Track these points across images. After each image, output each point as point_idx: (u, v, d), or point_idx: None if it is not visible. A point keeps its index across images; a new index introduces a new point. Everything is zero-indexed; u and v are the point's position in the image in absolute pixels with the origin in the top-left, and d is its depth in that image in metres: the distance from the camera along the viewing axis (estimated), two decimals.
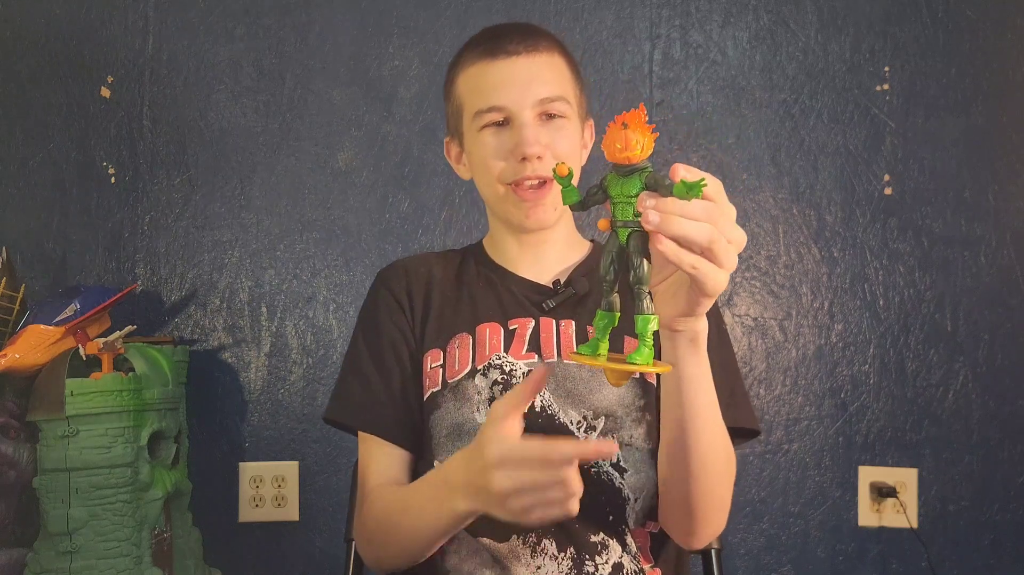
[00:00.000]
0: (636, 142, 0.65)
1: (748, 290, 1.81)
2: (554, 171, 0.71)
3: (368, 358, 1.05)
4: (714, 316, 1.06)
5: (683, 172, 0.65)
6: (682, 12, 1.84)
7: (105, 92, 1.79)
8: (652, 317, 0.67)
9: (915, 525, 1.74)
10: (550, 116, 1.02)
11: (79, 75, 1.79)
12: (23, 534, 1.47)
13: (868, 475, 1.77)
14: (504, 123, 1.02)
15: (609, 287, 0.70)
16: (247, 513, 1.76)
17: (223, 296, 1.79)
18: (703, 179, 0.64)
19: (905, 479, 1.76)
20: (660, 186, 0.66)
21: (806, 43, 1.83)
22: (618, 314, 0.70)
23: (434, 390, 1.02)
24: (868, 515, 1.77)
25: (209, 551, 1.67)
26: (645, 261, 0.67)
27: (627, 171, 0.67)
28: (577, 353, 0.70)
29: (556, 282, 1.07)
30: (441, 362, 1.03)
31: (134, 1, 1.80)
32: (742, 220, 1.95)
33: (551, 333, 1.02)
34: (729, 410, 1.01)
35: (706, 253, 0.67)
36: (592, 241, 1.15)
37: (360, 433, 1.05)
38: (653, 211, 0.64)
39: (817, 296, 1.80)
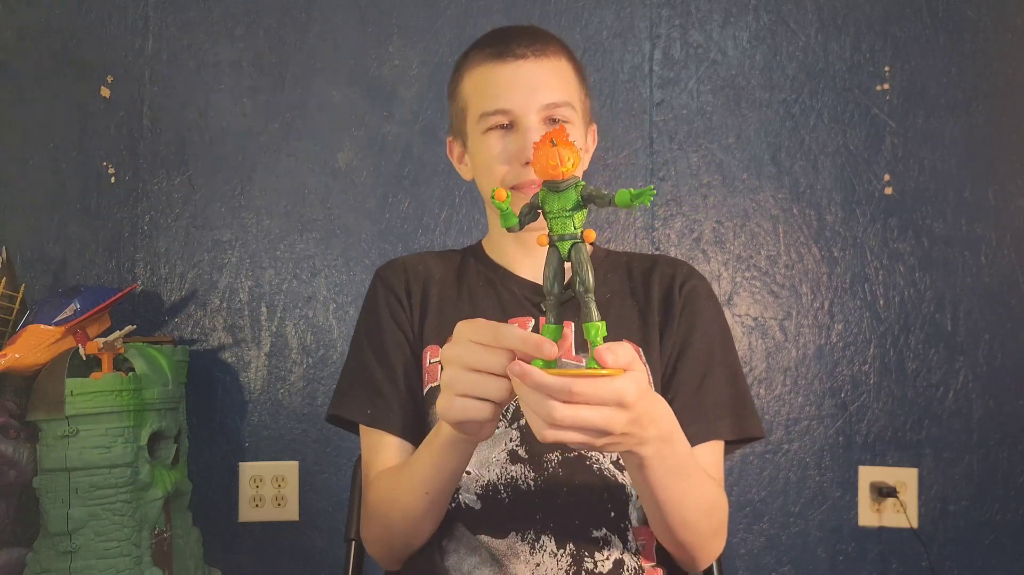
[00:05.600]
0: (567, 157, 0.68)
1: (748, 290, 1.81)
2: (492, 196, 0.72)
3: (371, 354, 1.05)
4: (718, 323, 1.06)
5: (607, 356, 0.68)
6: (682, 12, 1.84)
7: (105, 92, 1.79)
8: (600, 323, 0.69)
9: (915, 525, 1.74)
10: (555, 121, 1.02)
11: (79, 75, 1.79)
12: (23, 534, 1.47)
13: (868, 475, 1.77)
14: (509, 127, 1.02)
15: (556, 300, 0.72)
16: (247, 513, 1.76)
17: (223, 296, 1.79)
18: (652, 187, 0.66)
19: (905, 479, 1.76)
20: (598, 197, 0.69)
21: (806, 43, 1.83)
22: (559, 326, 0.72)
23: (433, 385, 1.02)
24: (868, 515, 1.77)
25: (209, 551, 1.67)
26: (589, 270, 0.69)
27: (560, 186, 0.69)
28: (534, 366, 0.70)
29: (569, 282, 1.07)
30: (440, 358, 1.03)
31: (134, 1, 1.80)
32: (742, 220, 1.97)
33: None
34: (739, 422, 1.02)
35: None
36: (592, 244, 1.15)
37: (363, 429, 1.05)
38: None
39: (817, 296, 1.80)
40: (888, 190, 1.80)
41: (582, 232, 0.69)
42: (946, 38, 1.80)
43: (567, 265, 0.72)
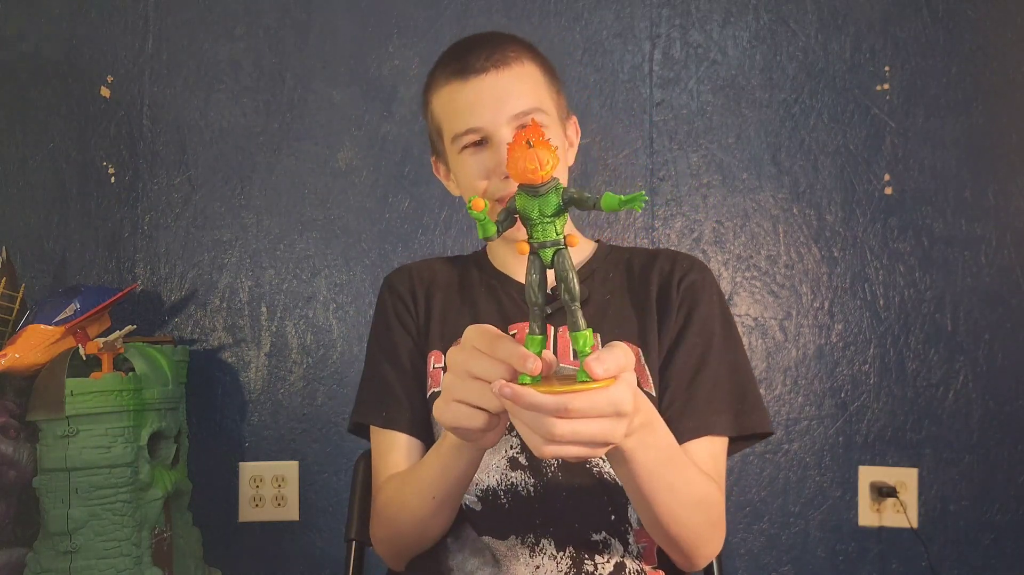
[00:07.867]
0: (546, 160, 0.63)
1: (748, 290, 1.81)
2: (468, 207, 0.66)
3: (383, 358, 1.07)
4: (718, 317, 1.05)
5: (596, 368, 0.65)
6: (682, 12, 1.84)
7: (105, 92, 1.79)
8: (587, 332, 0.66)
9: (915, 525, 1.74)
10: None
11: (79, 75, 1.79)
12: (23, 534, 1.47)
13: (868, 475, 1.77)
14: (483, 142, 1.01)
15: (540, 310, 0.68)
16: (247, 513, 1.76)
17: (223, 296, 1.79)
18: (643, 192, 0.62)
19: (905, 479, 1.76)
20: (581, 200, 0.64)
21: (806, 43, 1.83)
22: (544, 336, 0.69)
23: (436, 390, 1.02)
24: (868, 515, 1.77)
25: (209, 551, 1.67)
26: (574, 277, 0.65)
27: (540, 190, 0.64)
28: (521, 384, 0.67)
29: (554, 288, 1.06)
30: (443, 364, 1.03)
31: (134, 1, 1.80)
32: (742, 220, 1.97)
33: (549, 338, 1.02)
34: (740, 417, 1.00)
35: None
36: (598, 241, 1.15)
37: (375, 431, 1.05)
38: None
39: (817, 296, 1.80)
40: (888, 190, 1.80)
41: (565, 238, 0.65)
42: (946, 38, 1.80)
43: (551, 273, 0.67)
